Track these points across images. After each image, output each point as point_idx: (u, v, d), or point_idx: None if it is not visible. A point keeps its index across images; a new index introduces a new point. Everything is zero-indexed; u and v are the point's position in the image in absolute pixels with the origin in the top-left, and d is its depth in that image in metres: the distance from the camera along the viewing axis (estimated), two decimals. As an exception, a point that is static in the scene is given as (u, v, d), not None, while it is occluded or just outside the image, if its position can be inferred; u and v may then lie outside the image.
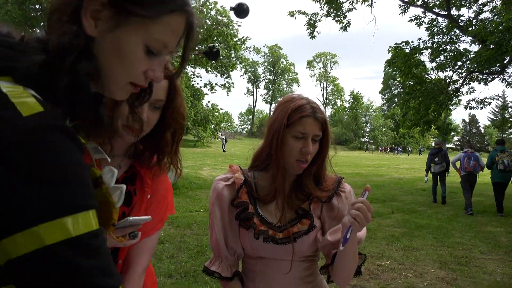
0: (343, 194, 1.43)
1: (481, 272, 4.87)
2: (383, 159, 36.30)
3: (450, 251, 5.75)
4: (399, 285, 4.33)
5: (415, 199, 11.02)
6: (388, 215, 8.36)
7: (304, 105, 1.33)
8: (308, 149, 1.31)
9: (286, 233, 1.36)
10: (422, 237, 6.50)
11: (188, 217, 7.19)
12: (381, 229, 7.01)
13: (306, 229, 1.36)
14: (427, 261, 5.22)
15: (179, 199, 8.59)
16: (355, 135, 71.98)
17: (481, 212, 9.07)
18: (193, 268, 4.50)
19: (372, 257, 5.30)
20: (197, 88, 35.34)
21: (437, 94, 14.90)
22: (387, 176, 18.51)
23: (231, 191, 1.41)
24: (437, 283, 4.44)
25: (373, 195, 11.14)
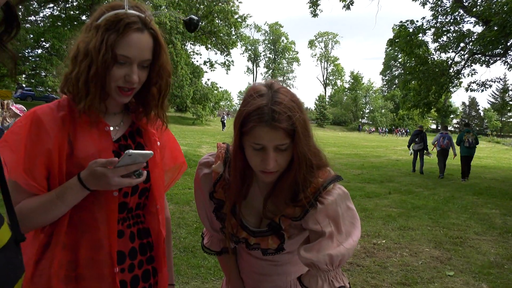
0: (321, 207, 1.13)
1: (475, 252, 4.95)
2: (381, 140, 36.38)
3: (445, 231, 5.82)
4: (394, 263, 4.40)
5: (412, 180, 11.10)
6: (385, 196, 8.43)
7: (261, 108, 1.03)
8: (268, 163, 1.06)
9: (259, 240, 1.24)
10: (418, 218, 6.58)
11: (187, 194, 7.24)
12: (378, 209, 7.08)
13: (275, 248, 1.22)
14: (423, 241, 5.30)
15: (178, 176, 8.63)
16: (354, 116, 71.88)
17: (477, 194, 9.15)
18: (191, 243, 4.56)
19: (368, 236, 5.37)
20: (197, 65, 35.00)
21: (438, 75, 14.83)
22: (385, 157, 18.58)
23: (209, 181, 1.29)
24: (431, 262, 4.51)
25: (371, 176, 11.21)
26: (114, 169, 1.07)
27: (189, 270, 3.87)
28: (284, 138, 1.05)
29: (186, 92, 30.32)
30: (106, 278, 1.16)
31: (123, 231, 1.21)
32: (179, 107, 37.21)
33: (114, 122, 1.26)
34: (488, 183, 11.14)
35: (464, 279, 4.06)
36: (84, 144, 1.16)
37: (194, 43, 35.91)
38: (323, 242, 1.10)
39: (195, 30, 6.38)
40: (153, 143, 1.30)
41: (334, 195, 1.14)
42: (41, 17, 27.21)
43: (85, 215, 1.16)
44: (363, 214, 6.54)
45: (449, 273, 4.21)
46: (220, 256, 1.45)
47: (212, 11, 31.63)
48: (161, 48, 1.20)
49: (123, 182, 1.09)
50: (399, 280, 3.94)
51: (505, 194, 9.34)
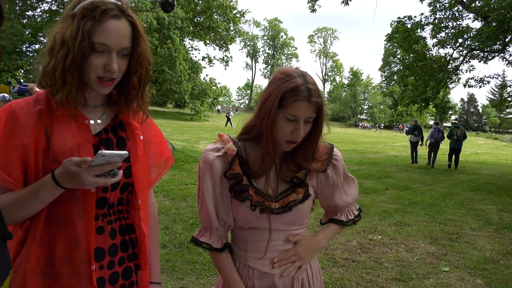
0: (336, 163, 1.45)
1: (470, 248, 4.95)
2: (380, 137, 36.39)
3: (441, 227, 5.82)
4: (389, 259, 4.40)
5: (410, 176, 11.10)
6: (382, 192, 8.44)
7: (299, 87, 1.25)
8: (299, 133, 1.29)
9: (282, 203, 1.37)
10: (415, 213, 6.58)
11: (184, 189, 7.23)
12: (375, 205, 7.08)
13: (301, 197, 1.38)
14: (419, 237, 5.30)
15: (175, 172, 8.62)
16: (353, 112, 71.84)
17: (474, 190, 9.16)
18: (187, 239, 4.55)
19: (364, 231, 5.37)
20: (195, 61, 34.90)
21: (436, 71, 14.80)
22: (383, 153, 18.59)
23: (223, 162, 1.37)
24: (427, 258, 4.51)
25: (369, 172, 11.21)
26: (88, 168, 1.04)
27: (184, 266, 3.87)
28: (314, 112, 1.29)
29: (185, 88, 30.26)
30: (83, 276, 1.14)
31: (103, 227, 1.19)
32: (177, 103, 37.14)
33: (94, 115, 1.23)
34: (485, 179, 11.15)
35: (459, 275, 4.06)
36: (62, 138, 1.13)
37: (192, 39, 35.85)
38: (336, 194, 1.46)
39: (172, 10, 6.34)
40: (136, 137, 1.28)
41: (339, 154, 1.48)
42: (38, 12, 27.09)
43: (61, 211, 1.14)
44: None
45: (444, 268, 4.21)
46: (220, 254, 1.42)
47: (210, 6, 31.48)
48: (139, 36, 1.17)
49: (97, 181, 1.07)
50: (394, 276, 3.93)
51: (502, 190, 9.34)
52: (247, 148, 1.41)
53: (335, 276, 3.84)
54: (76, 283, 1.13)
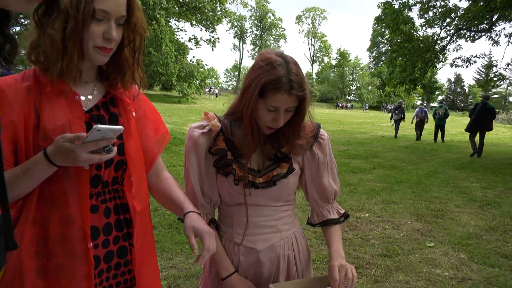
0: (322, 142, 1.45)
1: (455, 224, 5.06)
2: (368, 117, 36.60)
3: (427, 204, 5.93)
4: (376, 236, 4.48)
5: (397, 155, 11.23)
6: (370, 171, 8.53)
7: (280, 79, 1.23)
8: (279, 122, 1.29)
9: (266, 177, 1.37)
10: (401, 192, 6.68)
11: (172, 171, 7.21)
12: (362, 184, 7.17)
13: (285, 172, 1.38)
14: (405, 214, 5.39)
15: (162, 154, 8.55)
16: (341, 93, 71.96)
17: (459, 169, 9.32)
18: (176, 220, 4.56)
19: (352, 210, 5.44)
20: (181, 42, 34.39)
21: (424, 51, 14.84)
22: (370, 133, 18.72)
23: (207, 138, 1.38)
24: (412, 234, 4.60)
25: (356, 152, 11.31)
26: (82, 144, 1.02)
27: (173, 246, 3.88)
28: (295, 102, 1.28)
29: (171, 70, 29.89)
30: (79, 254, 1.12)
31: (97, 205, 1.18)
32: (164, 85, 36.71)
33: (85, 91, 1.20)
34: (470, 158, 11.34)
35: (444, 250, 4.16)
36: (52, 115, 1.10)
37: (178, 19, 35.22)
38: (325, 176, 1.45)
39: None
40: (128, 113, 1.25)
41: (326, 134, 1.48)
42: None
43: (54, 189, 1.11)
44: (347, 189, 6.62)
45: (429, 244, 4.31)
46: None
47: (196, -15, 30.85)
48: (134, 4, 1.16)
49: (92, 158, 1.04)
50: (380, 252, 4.01)
51: (486, 168, 9.53)
52: (232, 127, 1.41)
53: (323, 253, 3.90)
54: (71, 261, 1.12)
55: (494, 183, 7.82)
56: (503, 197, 6.62)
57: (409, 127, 16.82)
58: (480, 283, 3.45)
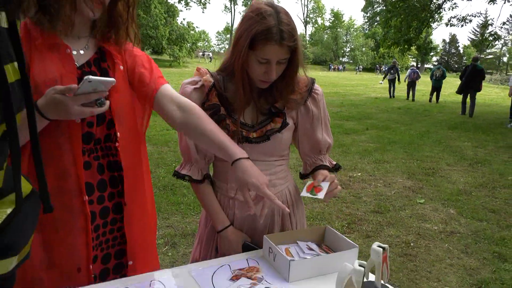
0: (316, 96, 1.43)
1: (445, 181, 5.16)
2: (362, 79, 36.38)
3: (418, 163, 6.02)
4: (368, 194, 4.57)
5: (390, 116, 11.27)
6: (363, 132, 8.58)
7: (270, 29, 1.19)
8: (271, 75, 1.26)
9: (260, 132, 1.37)
10: (394, 151, 6.76)
11: (165, 135, 7.21)
12: (355, 144, 7.22)
13: (279, 126, 1.38)
14: (396, 173, 5.48)
15: (155, 118, 8.49)
16: (335, 55, 71.08)
17: (452, 129, 9.40)
18: (171, 182, 4.60)
19: (345, 169, 5.51)
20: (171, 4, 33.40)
21: (419, 10, 14.58)
22: (364, 95, 18.68)
23: (200, 94, 1.37)
24: (403, 191, 4.70)
25: (350, 113, 11.33)
26: (74, 97, 1.00)
27: (169, 207, 3.94)
28: (287, 54, 1.25)
29: (162, 33, 29.22)
30: (75, 207, 1.13)
31: (89, 162, 1.17)
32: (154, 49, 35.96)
33: (77, 46, 1.16)
34: (462, 118, 11.42)
35: (434, 206, 4.27)
36: (43, 68, 1.07)
37: (167, -21, 34.02)
38: (318, 129, 1.44)
39: None
40: (115, 66, 1.22)
41: (320, 89, 1.46)
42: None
43: (48, 143, 1.10)
44: (341, 150, 6.68)
45: (419, 200, 4.41)
46: (200, 186, 1.45)
47: None
48: None
49: (84, 111, 1.03)
50: (372, 209, 4.11)
51: (478, 128, 9.62)
52: (225, 82, 1.39)
53: (316, 210, 3.98)
54: (68, 215, 1.13)
55: (485, 142, 7.92)
56: (493, 155, 6.73)
57: (403, 88, 16.80)
58: (467, 236, 3.57)
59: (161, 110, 1.25)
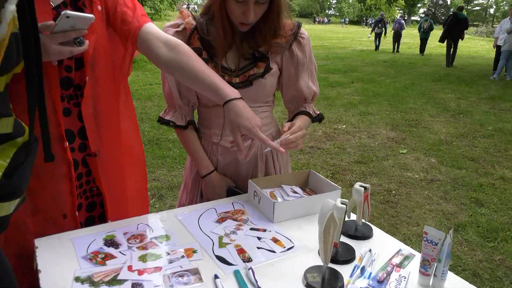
0: (302, 41, 1.39)
1: (427, 132, 5.25)
2: (348, 32, 35.82)
3: (402, 115, 6.09)
4: (352, 145, 4.63)
5: (375, 69, 11.24)
6: (348, 85, 8.57)
7: None
8: (249, 16, 1.21)
9: (243, 77, 1.35)
10: (378, 104, 6.80)
11: (149, 89, 7.08)
12: (340, 97, 7.23)
13: (262, 71, 1.35)
14: (380, 124, 5.54)
15: (138, 73, 8.35)
16: (321, 7, 69.40)
17: (436, 81, 9.45)
18: (156, 136, 4.58)
19: (330, 122, 5.55)
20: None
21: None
22: (350, 48, 18.48)
23: (182, 37, 1.32)
24: (387, 143, 4.78)
25: (335, 66, 11.24)
26: (52, 35, 0.96)
27: (154, 160, 3.95)
28: None
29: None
30: (57, 154, 1.11)
31: (69, 109, 1.14)
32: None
33: None
34: (446, 71, 11.45)
35: (416, 156, 4.36)
36: None
37: None
38: (304, 76, 1.41)
39: None
40: (92, 6, 1.15)
41: (306, 33, 1.41)
42: None
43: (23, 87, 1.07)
44: (326, 103, 6.68)
45: (402, 151, 4.50)
46: (184, 131, 1.44)
47: None
48: None
49: (62, 50, 0.98)
50: (356, 159, 4.18)
51: (461, 80, 9.68)
52: (208, 25, 1.35)
53: (301, 162, 4.04)
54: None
55: (468, 93, 8.01)
56: (475, 107, 6.83)
57: (389, 41, 16.66)
58: (447, 183, 3.69)
59: (145, 48, 1.19)
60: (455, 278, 1.00)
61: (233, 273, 0.98)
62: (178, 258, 1.04)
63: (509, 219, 3.10)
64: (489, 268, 2.49)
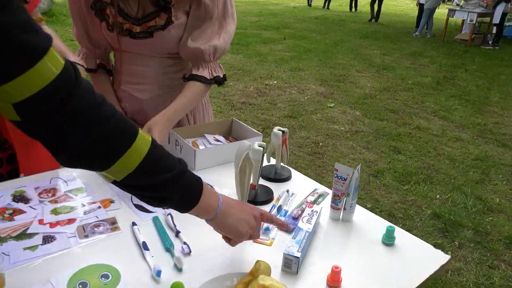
0: None
1: (354, 86, 5.48)
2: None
3: (331, 70, 6.27)
4: (283, 100, 4.72)
5: (307, 26, 11.33)
6: (280, 41, 8.58)
7: None
8: None
9: (143, 27, 1.23)
10: (309, 60, 6.92)
11: (71, 46, 6.57)
12: (272, 53, 7.25)
13: (162, 24, 1.22)
14: (310, 80, 5.67)
15: (57, 28, 7.68)
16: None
17: (363, 38, 9.77)
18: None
19: (261, 78, 5.57)
20: None
21: None
22: (283, 5, 18.36)
23: None
24: (316, 97, 4.92)
25: (268, 23, 11.16)
26: None
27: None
28: None
29: None
30: None
31: None
32: None
33: None
34: (374, 28, 11.86)
35: (342, 109, 4.56)
36: None
37: None
38: (208, 30, 1.22)
39: None
40: None
41: None
42: None
43: None
44: (258, 59, 6.67)
45: (330, 105, 4.67)
46: (94, 75, 1.37)
47: None
48: None
49: None
50: (286, 114, 4.28)
51: (387, 37, 10.10)
52: None
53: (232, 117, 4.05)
54: None
55: (392, 50, 8.40)
56: (398, 62, 7.21)
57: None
58: (369, 134, 3.92)
59: None
60: (362, 210, 1.08)
61: (151, 220, 0.98)
62: (94, 209, 1.01)
63: (422, 164, 3.39)
64: (402, 208, 2.73)
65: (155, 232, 0.94)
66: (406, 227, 2.50)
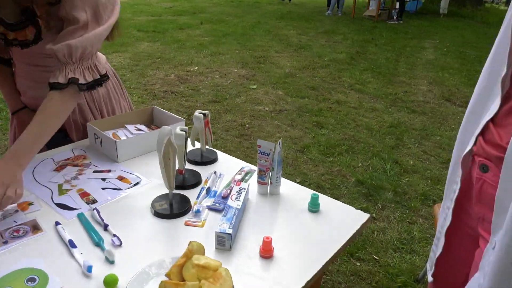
0: None
1: (274, 67, 5.59)
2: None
3: (251, 53, 6.33)
4: (206, 86, 4.68)
5: (223, 10, 11.26)
6: (197, 26, 8.45)
7: None
8: None
9: (18, 35, 1.12)
10: (228, 44, 6.91)
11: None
12: (191, 39, 7.12)
13: (32, 38, 1.12)
14: (231, 63, 5.68)
15: None
16: None
17: (279, 19, 9.95)
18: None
19: (182, 65, 5.46)
20: None
21: None
22: (197, -11, 18.04)
23: None
24: (238, 80, 4.96)
25: (183, 8, 10.91)
26: None
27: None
28: None
29: None
30: None
31: None
32: None
33: None
34: (289, 8, 12.13)
35: (265, 90, 4.64)
36: None
37: None
38: (69, 32, 1.03)
39: None
40: None
41: None
42: None
43: None
44: (176, 45, 6.52)
45: (252, 86, 4.73)
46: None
47: None
48: None
49: None
50: (210, 99, 4.26)
51: (302, 17, 10.39)
52: None
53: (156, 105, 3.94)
54: None
55: (307, 29, 8.67)
56: (313, 41, 7.47)
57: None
58: (293, 112, 4.05)
59: None
60: (287, 182, 1.13)
61: (76, 217, 0.94)
62: (11, 214, 0.95)
63: (343, 135, 3.59)
64: (329, 179, 2.89)
65: (82, 228, 0.91)
66: (334, 196, 2.65)
